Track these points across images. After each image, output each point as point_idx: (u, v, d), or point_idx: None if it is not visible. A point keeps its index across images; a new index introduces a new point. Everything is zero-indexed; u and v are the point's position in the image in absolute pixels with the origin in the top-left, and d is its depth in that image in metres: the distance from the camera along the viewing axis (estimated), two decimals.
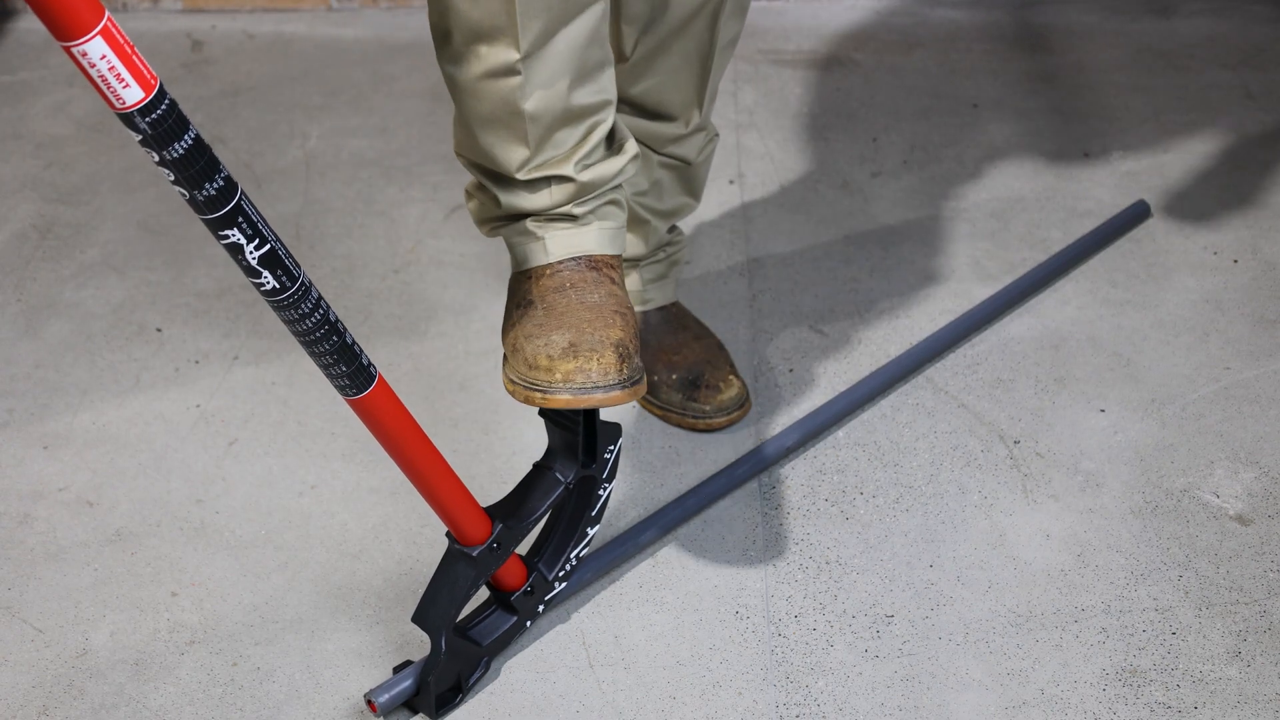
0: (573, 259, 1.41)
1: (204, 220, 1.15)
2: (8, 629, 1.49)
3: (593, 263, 1.41)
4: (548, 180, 1.39)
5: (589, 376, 1.32)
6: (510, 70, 1.31)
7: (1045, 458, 1.68)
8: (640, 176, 1.63)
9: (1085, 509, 1.61)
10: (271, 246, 1.17)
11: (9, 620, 1.50)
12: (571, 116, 1.36)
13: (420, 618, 1.38)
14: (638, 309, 1.75)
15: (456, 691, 1.40)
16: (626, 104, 1.58)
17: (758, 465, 1.65)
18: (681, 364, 1.74)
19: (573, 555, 1.47)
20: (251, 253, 1.17)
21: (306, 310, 1.21)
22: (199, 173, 1.13)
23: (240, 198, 1.15)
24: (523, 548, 1.47)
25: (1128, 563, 1.55)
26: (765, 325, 1.89)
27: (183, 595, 1.53)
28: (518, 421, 1.74)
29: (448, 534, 1.39)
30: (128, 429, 1.75)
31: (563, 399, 1.32)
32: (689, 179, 1.68)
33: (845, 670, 1.44)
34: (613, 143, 1.42)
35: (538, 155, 1.37)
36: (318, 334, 1.23)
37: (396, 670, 1.40)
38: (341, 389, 1.28)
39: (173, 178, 1.12)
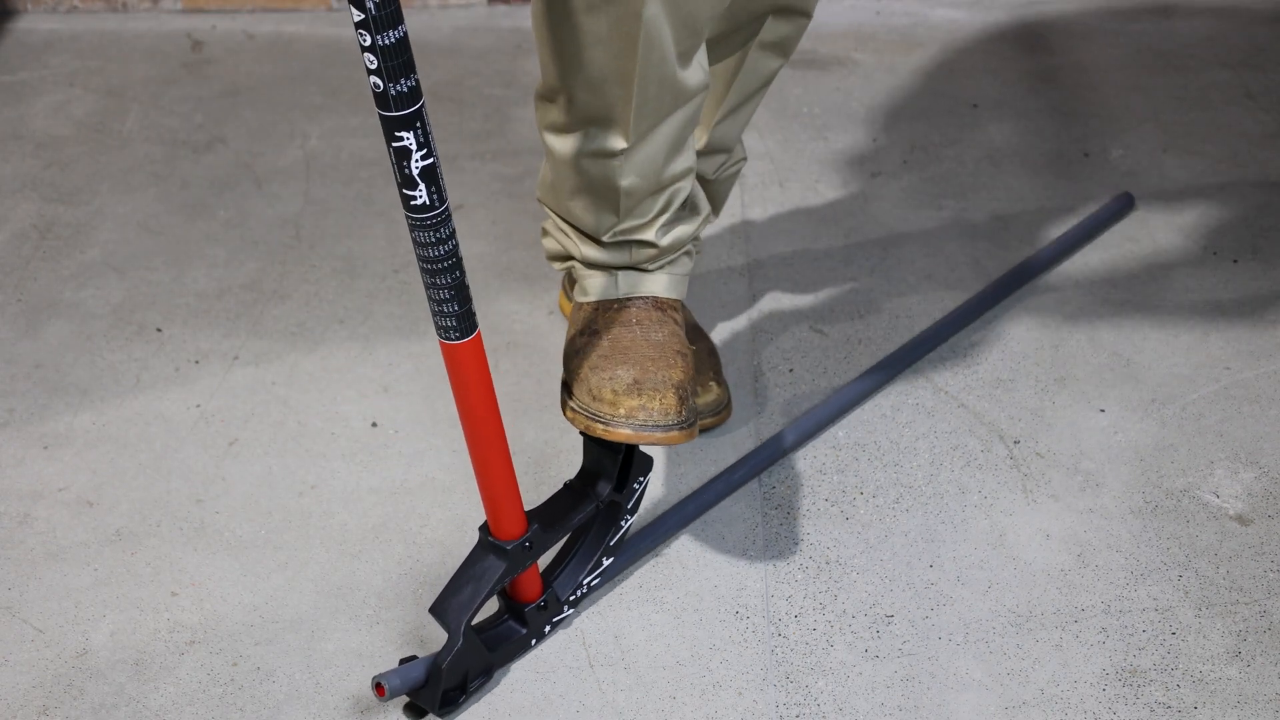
0: (641, 297, 1.48)
1: (385, 117, 1.18)
2: (7, 629, 1.49)
3: (659, 304, 1.48)
4: (629, 244, 1.47)
5: (650, 415, 1.38)
6: (615, 154, 1.38)
7: (1045, 458, 1.68)
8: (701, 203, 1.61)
9: (1085, 509, 1.61)
10: (434, 160, 1.20)
11: (9, 620, 1.50)
12: (661, 187, 1.43)
13: (440, 608, 1.38)
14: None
15: (460, 692, 1.40)
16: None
17: (755, 468, 1.65)
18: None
19: (585, 582, 1.48)
20: (417, 161, 1.20)
21: (444, 235, 1.24)
22: (400, 66, 1.15)
23: (422, 105, 1.18)
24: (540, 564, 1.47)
25: (1128, 563, 1.55)
26: (765, 325, 1.89)
27: (183, 595, 1.53)
28: (518, 420, 1.74)
29: (481, 527, 1.40)
30: (128, 429, 1.75)
31: (623, 433, 1.39)
32: (707, 191, 1.67)
33: (845, 670, 1.44)
34: (688, 204, 1.50)
35: (624, 222, 1.44)
36: (446, 263, 1.25)
37: (403, 662, 1.40)
38: (445, 331, 1.29)
39: (374, 66, 1.15)
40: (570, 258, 1.53)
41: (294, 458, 1.70)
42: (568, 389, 1.45)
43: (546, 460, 1.69)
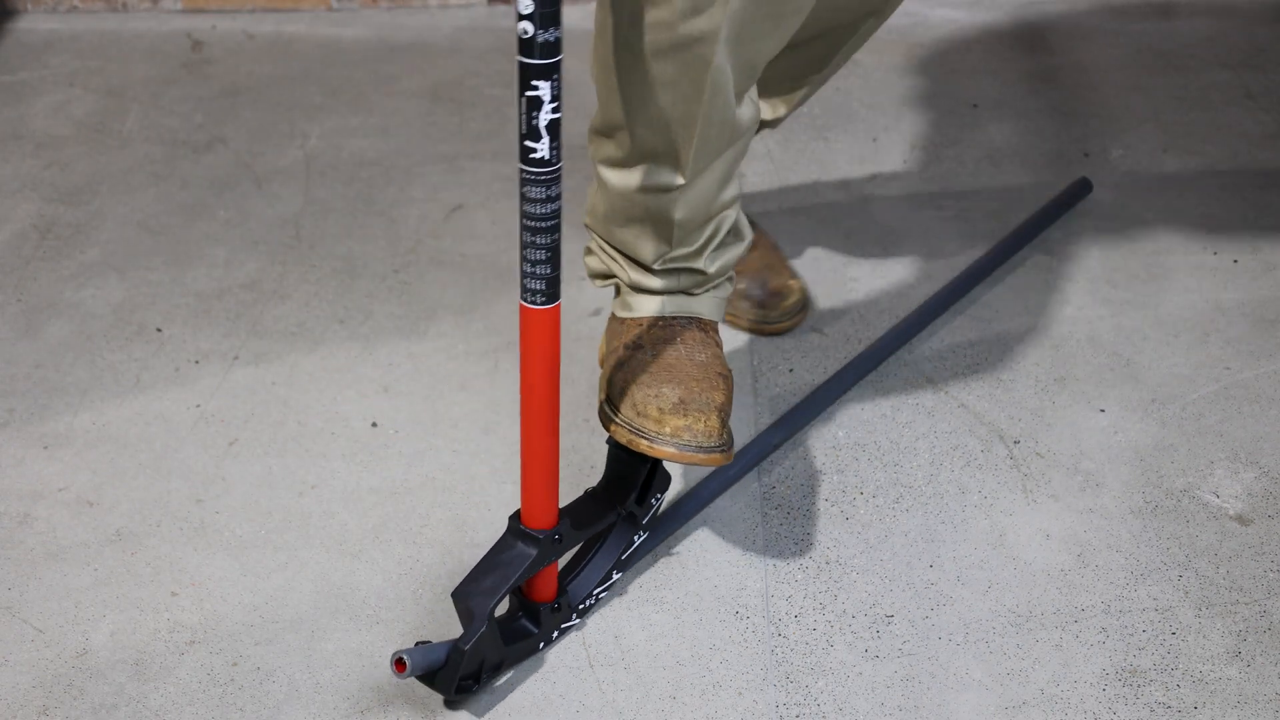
0: (685, 317, 1.51)
1: (525, 64, 1.20)
2: (8, 629, 1.49)
3: (702, 325, 1.51)
4: (679, 271, 1.50)
5: (695, 436, 1.41)
6: (672, 189, 1.42)
7: (1045, 458, 1.68)
8: None
9: (1085, 509, 1.61)
10: (560, 116, 1.22)
11: (9, 620, 1.50)
12: (710, 216, 1.48)
13: (464, 593, 1.37)
14: None
15: (474, 680, 1.39)
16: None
17: (748, 464, 1.65)
18: (745, 272, 1.84)
19: (596, 593, 1.48)
20: (547, 113, 1.22)
21: (554, 194, 1.26)
22: (552, 15, 1.18)
23: (561, 61, 1.20)
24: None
25: (1128, 563, 1.55)
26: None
27: (183, 595, 1.53)
28: (518, 421, 1.74)
29: (512, 516, 1.41)
30: (128, 429, 1.75)
31: (668, 452, 1.41)
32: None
33: (845, 670, 1.44)
34: (733, 230, 1.53)
35: (674, 250, 1.47)
36: (549, 223, 1.28)
37: (418, 645, 1.38)
38: (532, 295, 1.31)
39: (529, 10, 1.18)
40: (615, 278, 1.55)
41: (294, 458, 1.70)
42: (611, 402, 1.46)
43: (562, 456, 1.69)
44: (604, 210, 1.50)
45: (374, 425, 1.74)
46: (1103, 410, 1.74)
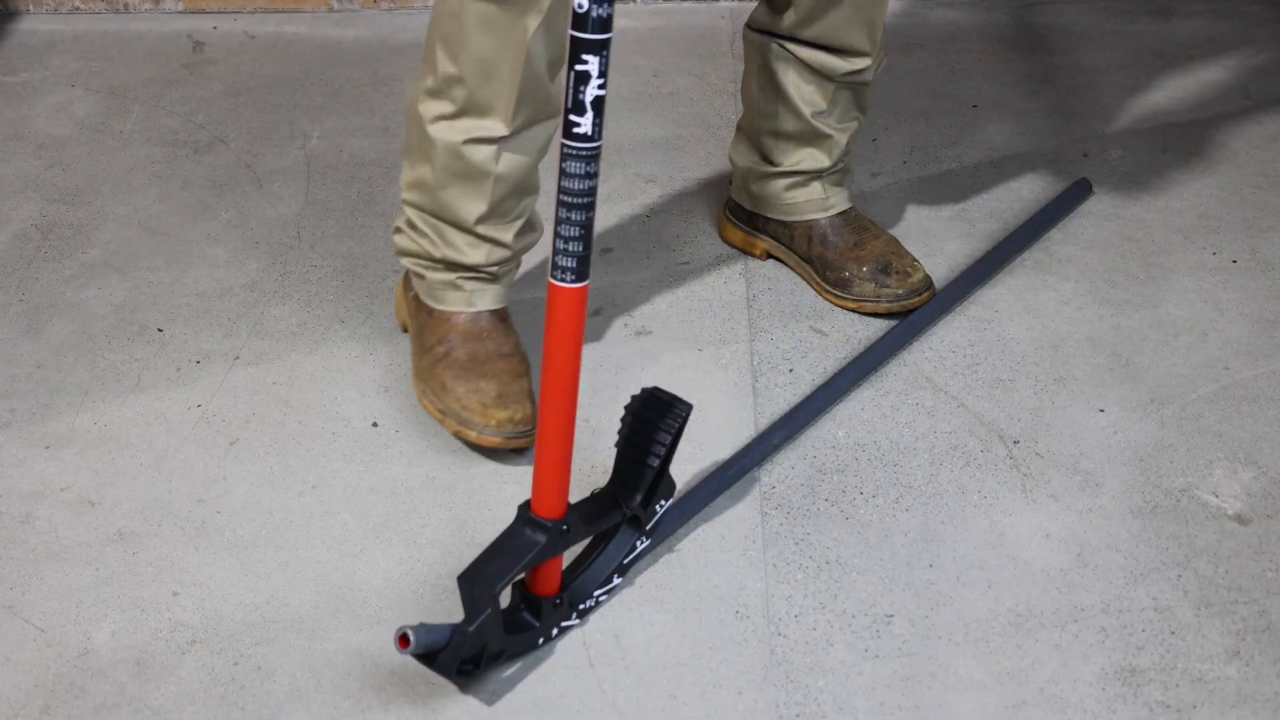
0: (488, 311, 1.72)
1: (576, 38, 1.24)
2: (10, 628, 1.50)
3: (500, 315, 1.73)
4: (489, 240, 1.67)
5: (515, 425, 1.64)
6: (495, 140, 1.60)
7: (1045, 458, 1.68)
8: (820, 99, 1.84)
9: (1085, 509, 1.61)
10: (605, 94, 1.26)
11: (11, 620, 1.51)
12: (522, 190, 1.66)
13: (470, 576, 1.38)
14: (821, 216, 1.92)
15: (474, 665, 1.39)
16: (805, 43, 1.81)
17: (748, 465, 1.65)
18: (869, 257, 1.89)
19: (597, 594, 1.49)
20: (593, 88, 1.26)
21: (592, 171, 1.30)
22: None
23: (611, 39, 1.25)
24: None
25: (1127, 562, 1.55)
26: (765, 325, 1.90)
27: (184, 595, 1.53)
28: None
29: (522, 505, 1.42)
30: (129, 429, 1.75)
31: (494, 440, 1.64)
32: (861, 97, 1.88)
33: (845, 670, 1.44)
34: (531, 221, 1.72)
35: (490, 216, 1.65)
36: (584, 200, 1.30)
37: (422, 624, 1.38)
38: (562, 272, 1.33)
39: None
40: (426, 257, 1.70)
41: (295, 458, 1.70)
42: (434, 394, 1.68)
43: None
44: (424, 176, 1.65)
45: (374, 425, 1.75)
46: (1102, 410, 1.75)
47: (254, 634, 1.49)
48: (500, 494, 1.65)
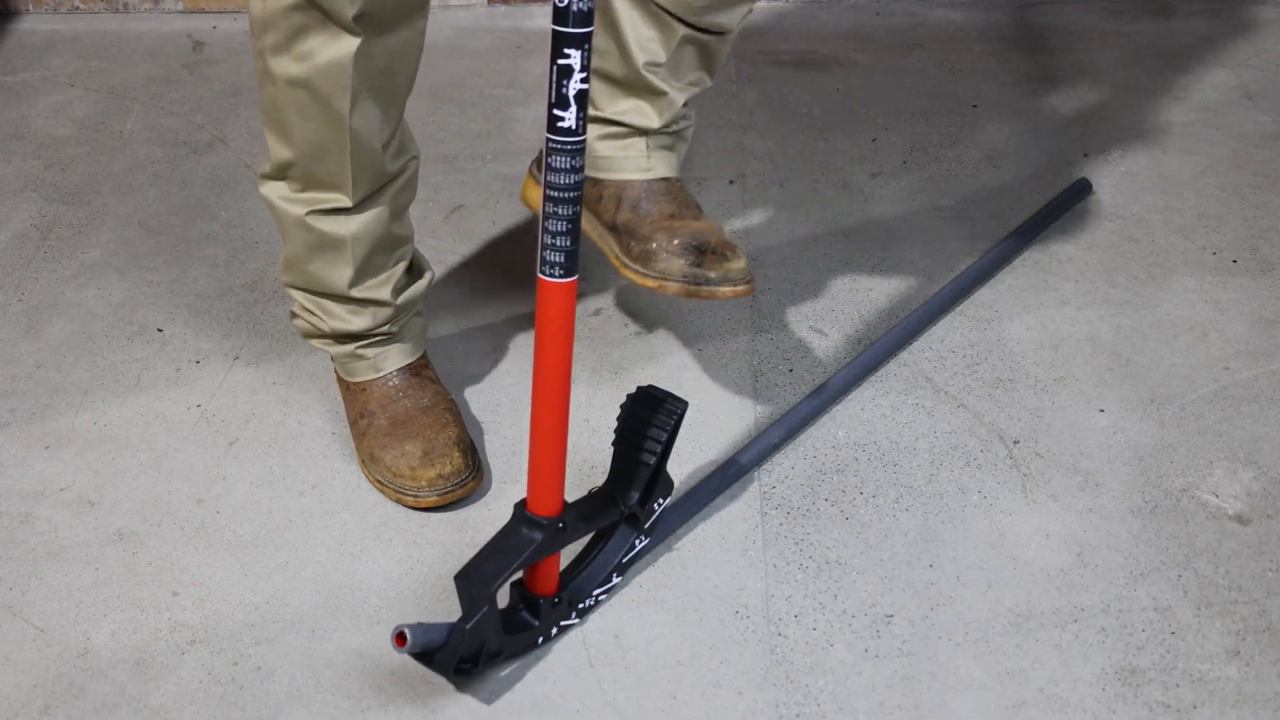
0: (396, 370, 1.67)
1: (558, 33, 1.24)
2: (9, 628, 1.50)
3: (412, 369, 1.68)
4: (369, 303, 1.62)
5: (446, 479, 1.60)
6: (341, 210, 1.56)
7: (1045, 458, 1.68)
8: (659, 48, 1.63)
9: (1085, 509, 1.61)
10: (588, 88, 1.26)
11: (10, 620, 1.51)
12: (388, 245, 1.61)
13: (466, 575, 1.38)
14: (641, 177, 1.69)
15: (472, 664, 1.39)
16: None
17: (746, 466, 1.65)
18: (684, 230, 1.62)
19: (595, 593, 1.49)
20: (576, 82, 1.26)
21: (578, 165, 1.29)
22: None
23: (592, 33, 1.25)
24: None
25: (1127, 562, 1.55)
26: (765, 325, 1.90)
27: (183, 595, 1.53)
28: (522, 417, 1.74)
29: (517, 504, 1.42)
30: (129, 429, 1.75)
31: (431, 500, 1.60)
32: (710, 54, 1.67)
33: (845, 670, 1.44)
34: (413, 268, 1.67)
35: (360, 278, 1.60)
36: (571, 194, 1.30)
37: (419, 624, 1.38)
38: (550, 267, 1.32)
39: None
40: (323, 335, 1.67)
41: (294, 458, 1.70)
42: (367, 466, 1.65)
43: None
44: (291, 254, 1.61)
45: None
46: (1102, 410, 1.75)
47: (254, 634, 1.48)
48: (500, 494, 1.64)
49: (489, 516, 1.61)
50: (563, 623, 1.47)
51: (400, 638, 1.33)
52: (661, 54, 1.63)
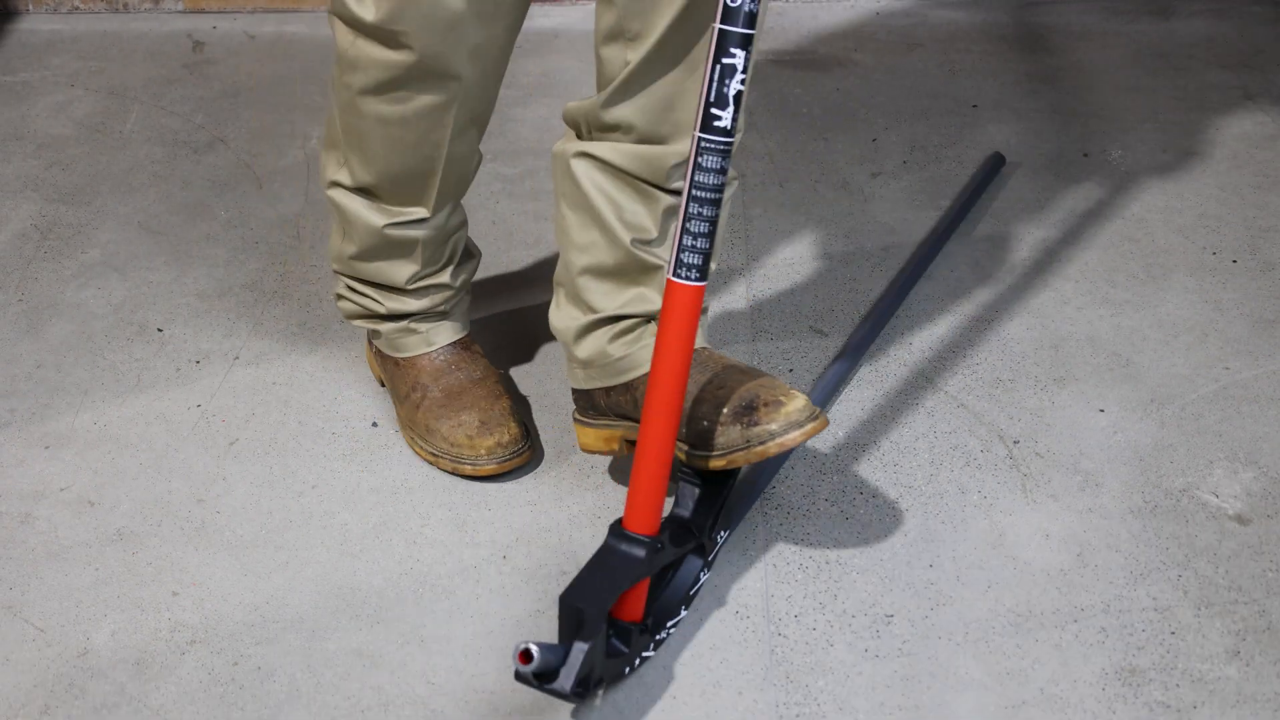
0: (448, 345, 1.71)
1: (724, 31, 1.25)
2: (9, 628, 1.50)
3: (463, 343, 1.72)
4: (429, 288, 1.68)
5: (505, 448, 1.63)
6: (418, 221, 1.62)
7: (1045, 458, 1.68)
8: (646, 221, 1.51)
9: (1085, 509, 1.61)
10: (745, 90, 1.27)
11: (10, 620, 1.51)
12: (446, 236, 1.66)
13: (574, 596, 1.34)
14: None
15: (584, 686, 1.34)
16: (621, 132, 1.47)
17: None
18: (727, 397, 1.48)
19: (668, 624, 1.46)
20: (738, 83, 1.27)
21: (725, 167, 1.29)
22: None
23: (755, 35, 1.26)
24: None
25: (1127, 562, 1.55)
26: (765, 325, 1.90)
27: (183, 595, 1.53)
28: (527, 412, 1.74)
29: (614, 524, 1.40)
30: (129, 429, 1.75)
31: (490, 468, 1.63)
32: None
33: (845, 670, 1.44)
34: (468, 249, 1.73)
35: (423, 270, 1.66)
36: (714, 196, 1.29)
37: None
38: (686, 269, 1.32)
39: None
40: (373, 315, 1.71)
41: (294, 458, 1.70)
42: (424, 440, 1.67)
43: (563, 455, 1.70)
44: (353, 250, 1.65)
45: (374, 425, 1.75)
46: (1102, 410, 1.75)
47: (254, 634, 1.49)
48: (501, 494, 1.65)
49: (489, 518, 1.61)
50: (644, 654, 1.43)
51: (524, 655, 1.28)
52: (649, 227, 1.50)
